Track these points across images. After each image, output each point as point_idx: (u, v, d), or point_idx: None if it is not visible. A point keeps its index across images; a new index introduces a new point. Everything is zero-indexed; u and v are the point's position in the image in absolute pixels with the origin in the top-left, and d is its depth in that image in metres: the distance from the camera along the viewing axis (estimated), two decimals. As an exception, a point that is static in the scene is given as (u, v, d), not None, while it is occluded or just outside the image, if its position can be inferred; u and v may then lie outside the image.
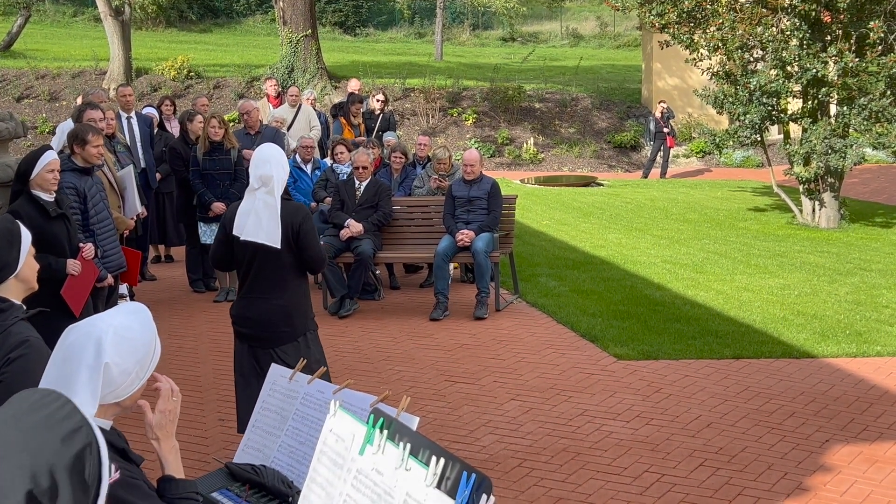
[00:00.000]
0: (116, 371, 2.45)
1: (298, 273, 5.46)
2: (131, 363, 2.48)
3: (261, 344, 5.38)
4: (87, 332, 2.45)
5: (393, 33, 45.32)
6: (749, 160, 22.89)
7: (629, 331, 8.79)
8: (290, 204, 5.41)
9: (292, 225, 5.30)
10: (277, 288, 5.37)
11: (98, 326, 2.46)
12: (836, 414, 6.71)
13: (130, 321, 2.52)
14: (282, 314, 5.36)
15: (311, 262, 5.44)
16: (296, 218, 5.32)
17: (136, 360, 2.50)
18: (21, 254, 3.42)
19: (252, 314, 5.39)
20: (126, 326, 2.49)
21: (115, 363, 2.43)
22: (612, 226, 14.81)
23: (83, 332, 2.45)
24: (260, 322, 5.38)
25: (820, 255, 12.48)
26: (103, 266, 6.88)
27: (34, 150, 6.21)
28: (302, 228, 5.32)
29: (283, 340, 5.36)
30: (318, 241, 5.55)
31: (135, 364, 2.50)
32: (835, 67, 13.97)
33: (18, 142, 18.60)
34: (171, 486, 2.66)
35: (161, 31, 39.61)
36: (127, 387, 2.51)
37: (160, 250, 12.26)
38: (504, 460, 5.98)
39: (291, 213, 5.33)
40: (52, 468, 1.58)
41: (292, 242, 5.32)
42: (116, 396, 2.50)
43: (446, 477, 2.09)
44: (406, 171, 11.21)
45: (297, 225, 5.31)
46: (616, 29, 44.59)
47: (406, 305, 10.03)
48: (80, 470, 1.62)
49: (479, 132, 23.50)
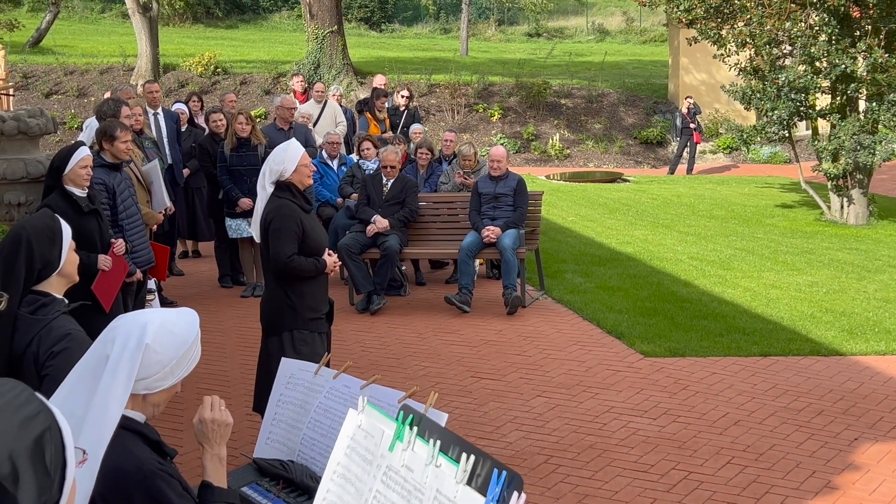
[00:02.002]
0: (154, 358, 2.50)
1: None
2: (168, 355, 2.53)
3: (264, 332, 5.73)
4: (134, 319, 2.55)
5: (418, 29, 45.35)
6: (777, 156, 22.73)
7: (656, 328, 8.76)
8: (272, 200, 5.56)
9: (265, 217, 5.54)
10: (269, 279, 5.66)
11: (146, 316, 2.57)
12: (865, 412, 6.67)
13: (178, 318, 2.61)
14: (270, 306, 5.63)
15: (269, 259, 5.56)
16: (269, 213, 5.54)
17: (174, 354, 2.55)
18: (63, 250, 3.46)
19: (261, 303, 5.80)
20: (172, 321, 2.58)
21: (155, 349, 2.49)
22: (638, 222, 14.76)
23: (130, 319, 2.56)
24: (261, 311, 5.73)
25: (848, 252, 12.38)
26: (132, 261, 6.93)
27: (67, 146, 6.26)
28: (272, 225, 5.51)
29: (269, 332, 5.63)
30: (282, 240, 5.50)
31: (171, 358, 2.54)
32: (864, 63, 13.86)
33: (48, 138, 18.74)
34: (207, 492, 2.73)
35: (188, 27, 39.84)
36: (159, 379, 2.54)
37: (188, 245, 12.33)
38: (530, 457, 5.98)
39: (268, 207, 5.56)
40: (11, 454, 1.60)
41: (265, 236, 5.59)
42: (146, 387, 2.53)
43: (477, 474, 2.09)
44: (432, 167, 11.21)
45: (269, 221, 5.52)
46: (642, 24, 44.40)
47: (432, 301, 10.04)
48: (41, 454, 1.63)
49: (505, 128, 23.46)
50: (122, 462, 2.49)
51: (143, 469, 2.51)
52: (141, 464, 2.51)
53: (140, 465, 2.51)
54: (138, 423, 2.57)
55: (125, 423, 2.48)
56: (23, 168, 7.52)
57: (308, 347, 5.50)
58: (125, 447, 2.51)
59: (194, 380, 7.51)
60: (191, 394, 7.23)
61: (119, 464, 2.47)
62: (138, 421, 2.58)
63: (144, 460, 2.53)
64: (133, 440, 2.53)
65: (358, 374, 3.57)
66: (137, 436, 2.55)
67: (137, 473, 2.50)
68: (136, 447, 2.54)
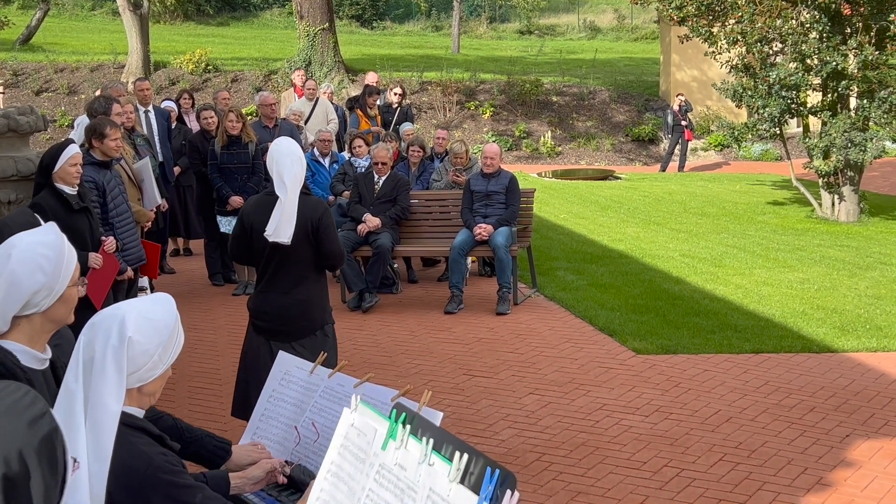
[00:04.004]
0: (139, 349, 2.46)
1: (317, 268, 5.43)
2: (153, 344, 2.50)
3: (279, 338, 5.34)
4: (111, 314, 2.50)
5: (410, 26, 45.31)
6: (768, 153, 22.78)
7: (647, 325, 8.76)
8: (310, 199, 5.38)
9: (311, 220, 5.25)
10: (297, 283, 5.34)
11: (122, 309, 2.51)
12: (857, 409, 6.68)
13: (153, 304, 2.57)
14: (301, 309, 5.34)
15: (329, 258, 5.40)
16: (315, 213, 5.28)
17: (159, 341, 2.52)
18: None
19: (271, 308, 5.37)
20: (149, 308, 2.52)
21: (138, 340, 2.45)
22: (630, 219, 14.77)
23: (107, 315, 2.50)
24: (279, 316, 5.36)
25: (839, 249, 12.41)
26: (123, 259, 6.91)
27: (57, 144, 6.25)
28: (321, 223, 5.28)
29: (301, 334, 5.35)
30: (337, 236, 5.54)
31: (157, 346, 2.51)
32: (855, 60, 13.89)
33: (39, 135, 18.68)
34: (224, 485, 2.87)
35: (179, 24, 39.73)
36: (149, 369, 2.52)
37: (179, 243, 12.30)
38: (523, 454, 5.98)
39: (311, 207, 5.29)
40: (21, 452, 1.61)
41: (311, 238, 5.29)
42: (139, 380, 2.52)
43: (470, 472, 2.09)
44: (424, 164, 11.21)
45: (317, 220, 5.27)
46: (634, 22, 44.42)
47: (424, 299, 10.03)
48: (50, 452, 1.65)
49: (496, 126, 23.46)
50: (132, 461, 2.47)
51: (153, 464, 2.49)
52: (150, 460, 2.50)
53: (150, 462, 2.49)
54: (137, 419, 2.55)
55: (125, 420, 2.46)
56: (13, 166, 7.49)
57: (335, 339, 5.55)
58: (132, 445, 2.49)
59: (186, 377, 7.49)
60: (182, 391, 7.22)
61: (129, 463, 2.46)
62: (137, 416, 2.56)
63: (153, 455, 2.51)
64: (137, 436, 2.51)
65: (350, 372, 3.56)
66: (140, 431, 2.53)
67: (149, 469, 2.48)
68: (142, 443, 2.52)
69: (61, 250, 2.70)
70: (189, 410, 6.75)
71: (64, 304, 2.75)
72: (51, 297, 2.68)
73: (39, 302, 2.67)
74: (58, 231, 2.76)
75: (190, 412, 6.68)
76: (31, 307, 2.67)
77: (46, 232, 2.73)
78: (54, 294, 2.69)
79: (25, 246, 2.67)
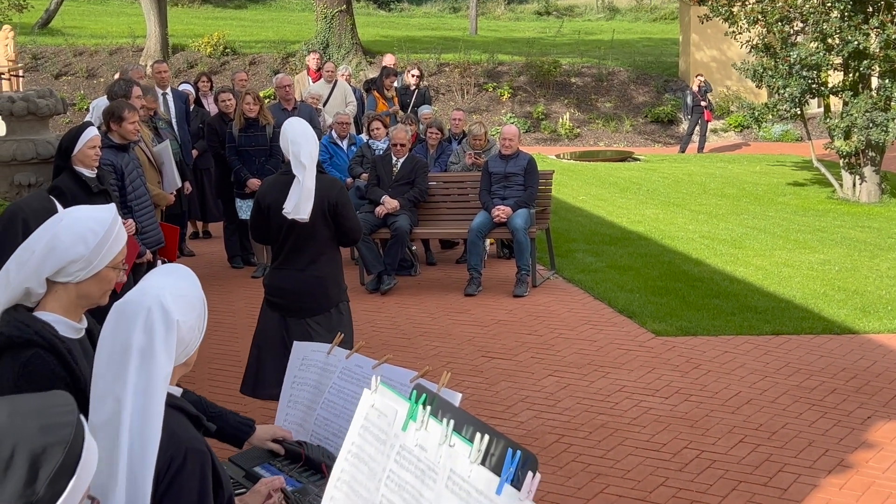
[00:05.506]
0: (185, 328, 2.44)
1: (332, 245, 5.56)
2: (194, 318, 2.48)
3: (295, 314, 5.45)
4: (145, 297, 2.41)
5: (427, 8, 45.17)
6: (788, 134, 22.59)
7: (667, 307, 8.73)
8: (325, 178, 5.47)
9: (328, 199, 5.35)
10: (313, 260, 5.44)
11: (150, 293, 2.42)
12: (878, 390, 6.64)
13: (177, 280, 2.50)
14: (318, 285, 5.44)
15: (349, 233, 5.53)
16: (332, 191, 5.39)
17: (197, 314, 2.50)
18: None
19: (288, 285, 5.46)
20: (176, 286, 2.47)
21: (184, 320, 2.43)
22: (649, 201, 14.70)
23: (140, 298, 2.41)
24: (296, 293, 5.45)
25: (860, 230, 12.32)
26: (142, 242, 6.93)
27: (76, 127, 6.25)
28: (339, 201, 5.40)
29: (317, 311, 5.45)
30: (355, 212, 5.67)
31: (196, 318, 2.50)
32: (876, 39, 13.74)
33: (58, 118, 18.75)
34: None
35: (197, 7, 39.74)
36: (194, 343, 2.51)
37: (198, 226, 12.33)
38: (542, 436, 5.98)
39: (327, 186, 5.39)
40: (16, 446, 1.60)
41: (329, 216, 5.38)
42: (186, 354, 2.50)
43: (491, 454, 2.08)
44: (442, 146, 11.18)
45: (334, 198, 5.38)
46: (653, 2, 44.13)
47: (442, 281, 10.03)
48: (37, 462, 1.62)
49: (515, 107, 23.38)
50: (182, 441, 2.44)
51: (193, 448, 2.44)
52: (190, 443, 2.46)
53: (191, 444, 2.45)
54: (176, 398, 2.50)
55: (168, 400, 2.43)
56: (33, 149, 7.52)
57: (350, 317, 5.62)
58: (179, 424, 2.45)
59: (206, 360, 7.52)
60: (203, 373, 7.25)
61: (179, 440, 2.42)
62: (176, 395, 2.52)
63: (193, 439, 2.48)
64: (178, 418, 2.46)
65: (369, 353, 3.56)
66: (180, 412, 2.50)
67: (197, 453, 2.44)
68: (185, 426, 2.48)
69: (110, 230, 2.74)
70: (209, 392, 6.77)
71: (98, 283, 2.77)
72: (87, 270, 2.72)
73: (75, 272, 2.71)
74: (115, 213, 2.78)
75: (210, 394, 6.70)
76: (65, 275, 2.70)
77: (105, 210, 2.77)
78: (91, 269, 2.72)
79: (78, 216, 2.73)
